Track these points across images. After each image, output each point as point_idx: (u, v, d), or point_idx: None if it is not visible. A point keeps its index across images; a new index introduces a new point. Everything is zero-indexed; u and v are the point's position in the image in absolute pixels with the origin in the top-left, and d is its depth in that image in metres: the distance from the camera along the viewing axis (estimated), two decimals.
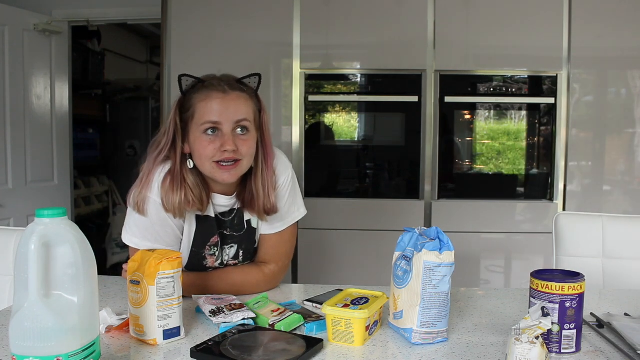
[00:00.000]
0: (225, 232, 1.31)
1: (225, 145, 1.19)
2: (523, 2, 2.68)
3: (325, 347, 0.97)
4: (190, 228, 1.29)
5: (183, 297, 1.02)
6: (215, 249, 1.30)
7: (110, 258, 4.38)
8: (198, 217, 1.28)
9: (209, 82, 1.25)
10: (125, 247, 1.50)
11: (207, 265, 1.32)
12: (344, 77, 2.83)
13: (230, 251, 1.33)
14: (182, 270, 1.03)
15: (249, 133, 1.24)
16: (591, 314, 1.12)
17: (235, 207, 1.32)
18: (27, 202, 3.04)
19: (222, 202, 1.30)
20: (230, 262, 1.34)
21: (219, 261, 1.32)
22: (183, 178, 1.23)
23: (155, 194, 1.23)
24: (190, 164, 1.24)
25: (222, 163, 1.21)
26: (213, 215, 1.29)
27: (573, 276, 0.96)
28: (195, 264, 1.31)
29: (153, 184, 1.24)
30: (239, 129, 1.22)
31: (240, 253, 1.34)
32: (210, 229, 1.29)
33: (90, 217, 4.31)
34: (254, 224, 1.33)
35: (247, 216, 1.32)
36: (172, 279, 0.98)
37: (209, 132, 1.21)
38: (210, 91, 1.23)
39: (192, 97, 1.24)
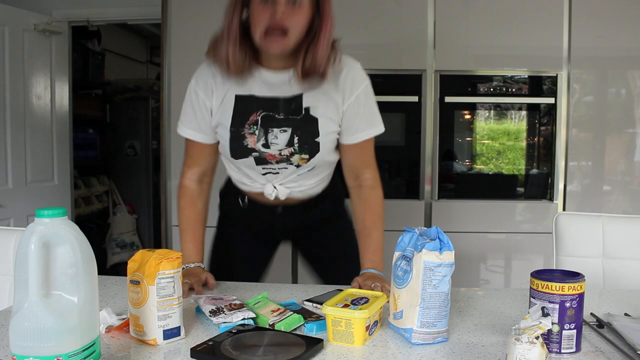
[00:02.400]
0: (277, 115, 1.30)
1: (276, 11, 1.19)
2: (523, 2, 2.68)
3: (325, 347, 0.97)
4: (227, 107, 1.31)
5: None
6: (255, 127, 1.30)
7: (110, 258, 4.38)
8: (237, 97, 1.31)
9: None
10: (124, 247, 1.53)
11: (249, 146, 1.30)
12: None
13: (282, 135, 1.29)
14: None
15: (301, 7, 1.23)
16: (591, 314, 1.12)
17: (292, 93, 1.31)
18: (27, 202, 3.04)
19: (270, 79, 1.30)
20: (283, 149, 1.31)
21: (262, 142, 1.30)
22: (235, 37, 1.25)
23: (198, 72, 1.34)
24: (239, 26, 1.26)
25: (270, 32, 1.21)
26: (256, 94, 1.30)
27: (573, 276, 0.96)
28: (236, 146, 1.31)
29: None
30: (292, 2, 1.21)
31: (295, 139, 1.30)
32: (249, 107, 1.30)
33: (90, 217, 4.31)
34: (313, 113, 1.31)
35: (306, 103, 1.31)
36: (172, 279, 0.98)
37: (265, 0, 1.21)
38: None
39: None
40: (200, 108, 1.34)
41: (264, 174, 1.37)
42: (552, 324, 0.92)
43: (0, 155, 2.96)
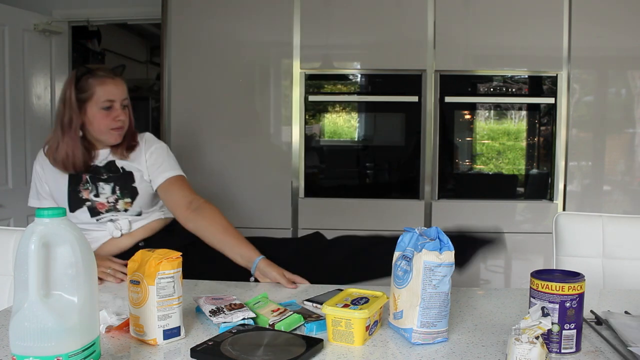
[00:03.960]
0: (101, 176, 1.63)
1: (119, 116, 1.61)
2: (523, 2, 2.68)
3: (325, 347, 0.97)
4: (61, 178, 1.63)
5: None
6: (88, 184, 1.62)
7: None
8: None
9: (100, 70, 1.63)
10: None
11: (83, 197, 1.60)
12: (344, 77, 2.83)
13: (107, 187, 1.62)
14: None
15: (127, 108, 1.66)
16: (591, 311, 1.12)
17: (109, 159, 1.65)
18: (27, 202, 3.03)
19: (103, 155, 1.65)
20: (109, 197, 1.61)
21: (94, 193, 1.61)
22: (78, 142, 1.59)
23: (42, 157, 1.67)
24: (79, 132, 1.60)
25: (115, 129, 1.61)
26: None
27: (573, 276, 0.96)
28: (74, 199, 1.61)
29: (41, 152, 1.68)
30: (122, 106, 1.63)
31: (117, 189, 1.62)
32: (80, 173, 1.62)
33: None
34: (127, 169, 1.64)
35: (120, 164, 1.65)
36: (172, 279, 0.98)
37: (107, 108, 1.59)
38: (105, 77, 1.60)
39: (89, 82, 1.59)
40: (41, 181, 1.68)
41: (100, 223, 1.61)
42: (552, 324, 0.92)
43: (0, 155, 2.96)
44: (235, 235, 1.53)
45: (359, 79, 2.83)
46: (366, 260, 1.61)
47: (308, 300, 1.23)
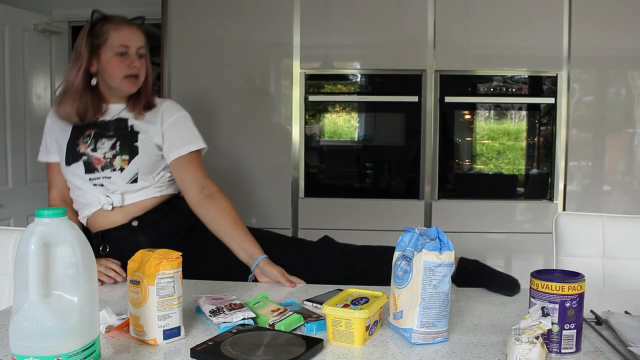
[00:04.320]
0: (107, 132, 1.57)
1: (134, 62, 1.56)
2: (523, 2, 2.68)
3: (325, 347, 0.97)
4: (66, 130, 1.59)
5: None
6: (88, 138, 1.56)
7: None
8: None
9: (116, 17, 1.60)
10: None
11: (80, 151, 1.55)
12: (344, 77, 2.83)
13: (108, 142, 1.55)
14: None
15: (144, 58, 1.60)
16: (591, 311, 1.12)
17: (122, 116, 1.59)
18: (27, 202, 3.04)
19: (115, 110, 1.60)
20: (107, 152, 1.54)
21: (92, 147, 1.55)
22: (81, 93, 1.55)
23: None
24: (93, 81, 1.57)
25: (129, 77, 1.56)
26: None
27: (573, 276, 0.96)
28: (71, 152, 1.56)
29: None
30: (139, 55, 1.58)
31: (118, 144, 1.55)
32: (86, 126, 1.57)
33: None
34: (136, 129, 1.57)
35: (131, 122, 1.59)
36: (172, 279, 0.98)
37: (121, 54, 1.55)
38: (121, 23, 1.58)
39: (104, 27, 1.55)
40: (50, 135, 1.65)
41: (93, 185, 1.54)
42: (552, 324, 0.92)
43: (0, 155, 2.96)
44: (243, 229, 1.51)
45: (359, 79, 2.82)
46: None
47: (308, 300, 1.23)
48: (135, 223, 1.54)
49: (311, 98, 2.77)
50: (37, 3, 3.25)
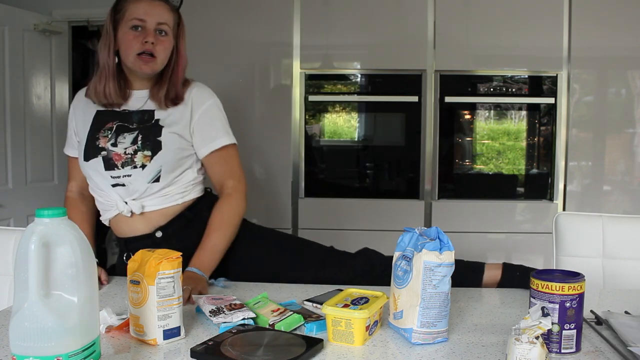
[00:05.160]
0: (130, 125, 1.44)
1: (147, 37, 1.40)
2: (523, 2, 2.68)
3: (325, 347, 0.97)
4: (87, 120, 1.48)
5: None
6: (109, 132, 1.44)
7: (110, 258, 4.37)
8: (99, 111, 1.48)
9: None
10: None
11: (100, 146, 1.43)
12: (344, 77, 2.83)
13: (130, 136, 1.43)
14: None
15: (166, 37, 1.44)
16: (591, 311, 1.12)
17: (147, 107, 1.47)
18: (27, 202, 3.04)
19: (138, 97, 1.47)
20: (128, 148, 1.42)
21: (112, 142, 1.43)
22: (112, 72, 1.44)
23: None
24: (115, 59, 1.44)
25: (142, 55, 1.40)
26: (115, 109, 1.47)
27: (573, 276, 0.96)
28: (90, 145, 1.45)
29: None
30: (158, 31, 1.42)
31: (139, 139, 1.42)
32: (108, 117, 1.46)
33: None
34: (161, 123, 1.44)
35: (157, 116, 1.45)
36: (172, 279, 0.98)
37: (135, 28, 1.41)
38: None
39: (125, 1, 1.44)
40: (72, 125, 1.55)
41: (112, 185, 1.42)
42: (552, 324, 0.92)
43: (0, 155, 2.96)
44: (214, 238, 1.42)
45: (359, 79, 2.83)
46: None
47: (308, 300, 1.23)
48: (159, 234, 1.45)
49: (311, 98, 2.77)
50: (37, 3, 3.25)
